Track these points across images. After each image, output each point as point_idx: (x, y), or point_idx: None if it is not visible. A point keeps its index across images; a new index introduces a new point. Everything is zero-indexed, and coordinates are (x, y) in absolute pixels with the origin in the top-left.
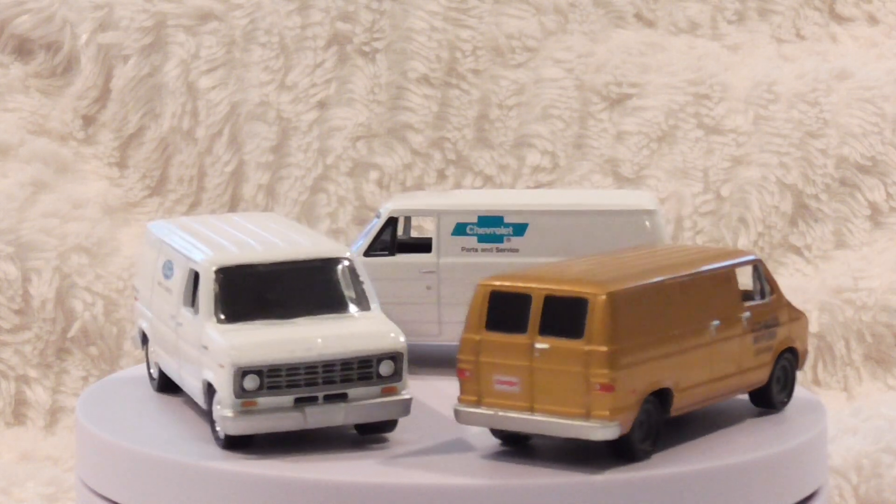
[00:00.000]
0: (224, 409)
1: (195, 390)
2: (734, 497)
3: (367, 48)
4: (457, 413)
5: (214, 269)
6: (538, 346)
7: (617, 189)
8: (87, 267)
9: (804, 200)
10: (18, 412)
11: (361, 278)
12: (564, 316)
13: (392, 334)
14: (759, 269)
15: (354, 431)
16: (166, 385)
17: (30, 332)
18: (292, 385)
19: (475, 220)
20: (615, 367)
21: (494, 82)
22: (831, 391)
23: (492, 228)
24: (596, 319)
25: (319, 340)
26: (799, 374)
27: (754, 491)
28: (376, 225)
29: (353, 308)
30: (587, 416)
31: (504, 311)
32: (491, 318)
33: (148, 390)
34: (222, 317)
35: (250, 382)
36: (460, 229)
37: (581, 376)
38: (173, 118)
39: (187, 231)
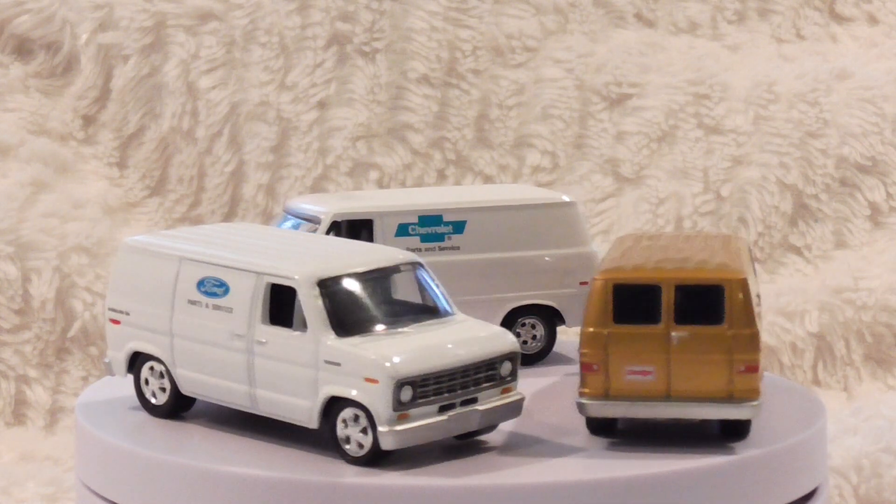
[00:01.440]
0: (380, 424)
1: (293, 410)
2: (734, 494)
3: (367, 48)
4: (583, 406)
5: (316, 281)
6: (675, 334)
7: (514, 184)
8: (87, 267)
9: (804, 200)
10: (18, 412)
11: (437, 281)
12: (700, 303)
13: (506, 335)
14: None
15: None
16: (175, 410)
17: (30, 332)
18: (437, 393)
19: (416, 220)
20: (758, 348)
21: (494, 82)
22: (831, 391)
23: (433, 228)
24: (736, 304)
25: (457, 347)
26: (799, 374)
27: (754, 488)
28: (319, 230)
29: (443, 312)
30: (730, 397)
31: (630, 302)
32: (617, 311)
33: None
34: (340, 330)
35: (406, 394)
36: (403, 230)
37: (724, 360)
38: (173, 118)
39: (212, 244)
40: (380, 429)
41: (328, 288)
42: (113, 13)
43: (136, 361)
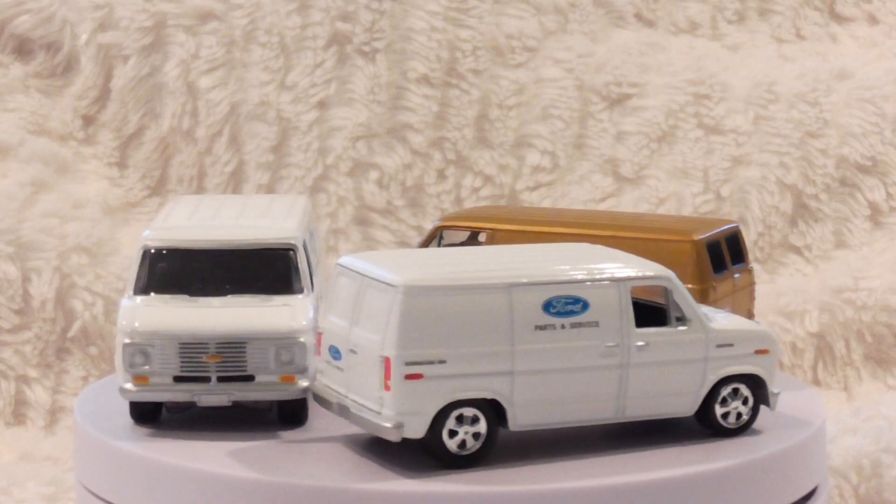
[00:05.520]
0: (771, 387)
1: (671, 404)
2: (734, 496)
3: (367, 48)
4: None
5: (672, 274)
6: (735, 276)
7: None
8: (87, 267)
9: (804, 200)
10: (18, 412)
11: None
12: (733, 248)
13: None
14: None
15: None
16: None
17: (30, 332)
18: None
19: (309, 235)
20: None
21: (494, 82)
22: (831, 391)
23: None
24: (744, 244)
25: None
26: (799, 374)
27: (755, 489)
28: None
29: None
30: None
31: (710, 256)
32: (712, 265)
33: None
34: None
35: None
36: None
37: (751, 289)
38: (173, 118)
39: (499, 263)
40: (773, 391)
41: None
42: (113, 13)
43: (439, 415)
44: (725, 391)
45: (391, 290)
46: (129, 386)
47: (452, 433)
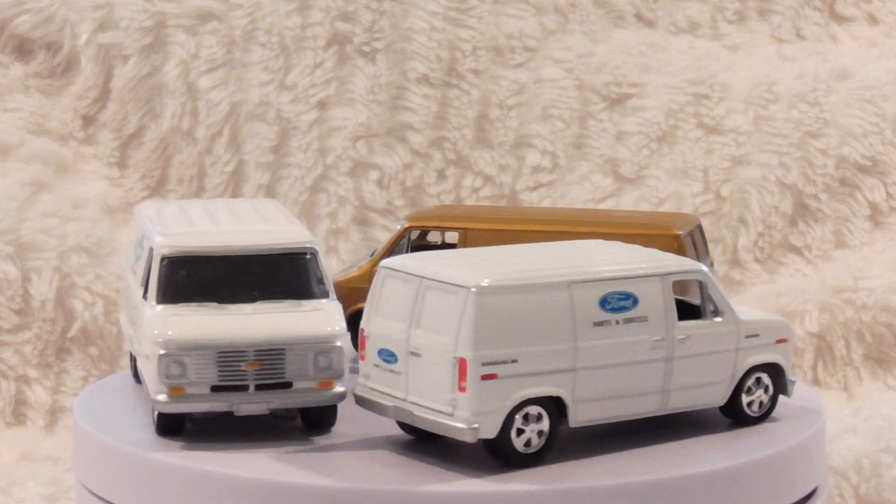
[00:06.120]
0: (789, 375)
1: (707, 394)
2: (735, 497)
3: (367, 48)
4: None
5: (706, 268)
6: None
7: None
8: (87, 267)
9: (804, 200)
10: (18, 412)
11: None
12: (701, 242)
13: None
14: None
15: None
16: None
17: (30, 332)
18: None
19: None
20: None
21: (494, 82)
22: (831, 391)
23: None
24: (705, 239)
25: None
26: (799, 374)
27: (755, 490)
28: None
29: None
30: None
31: (696, 247)
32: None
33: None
34: None
35: None
36: None
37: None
38: (173, 118)
39: (551, 259)
40: (790, 378)
41: None
42: (113, 13)
43: (509, 414)
44: (749, 381)
45: (461, 291)
46: (163, 398)
47: (519, 432)
